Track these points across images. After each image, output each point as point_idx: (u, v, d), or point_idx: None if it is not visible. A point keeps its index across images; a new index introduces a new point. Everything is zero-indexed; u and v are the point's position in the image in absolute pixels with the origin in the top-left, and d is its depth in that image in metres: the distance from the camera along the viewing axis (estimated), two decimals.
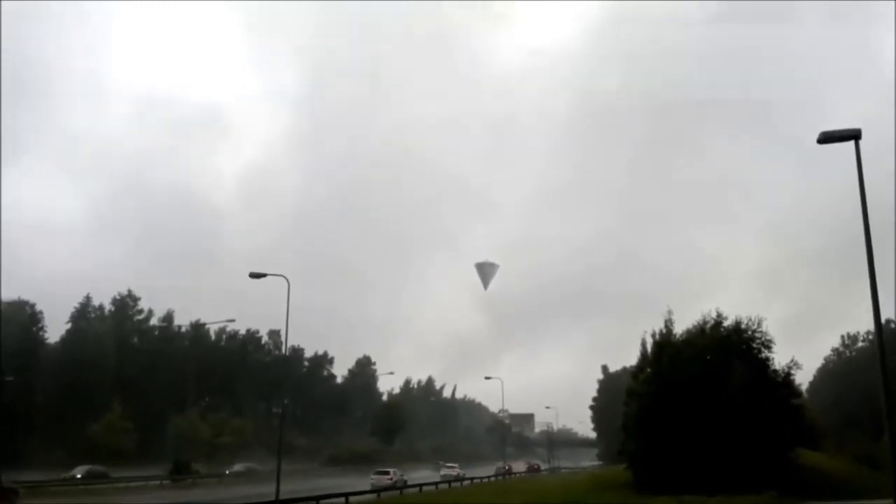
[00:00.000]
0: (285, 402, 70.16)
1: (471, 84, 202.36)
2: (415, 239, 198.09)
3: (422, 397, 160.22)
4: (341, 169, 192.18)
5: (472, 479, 61.94)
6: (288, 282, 36.06)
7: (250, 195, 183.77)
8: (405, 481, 55.49)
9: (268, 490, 36.62)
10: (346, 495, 37.12)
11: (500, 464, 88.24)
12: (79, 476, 58.88)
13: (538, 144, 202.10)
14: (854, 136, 20.18)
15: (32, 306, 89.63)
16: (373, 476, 56.41)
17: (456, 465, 71.88)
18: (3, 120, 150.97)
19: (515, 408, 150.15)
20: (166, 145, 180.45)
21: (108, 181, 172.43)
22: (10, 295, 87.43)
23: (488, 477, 68.63)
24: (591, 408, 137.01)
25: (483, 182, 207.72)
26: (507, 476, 76.01)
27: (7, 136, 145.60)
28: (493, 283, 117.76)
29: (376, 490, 45.63)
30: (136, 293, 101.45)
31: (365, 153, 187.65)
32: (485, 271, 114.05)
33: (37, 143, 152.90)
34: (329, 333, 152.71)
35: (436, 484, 52.90)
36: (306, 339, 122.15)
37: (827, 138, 20.41)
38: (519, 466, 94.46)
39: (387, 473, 57.22)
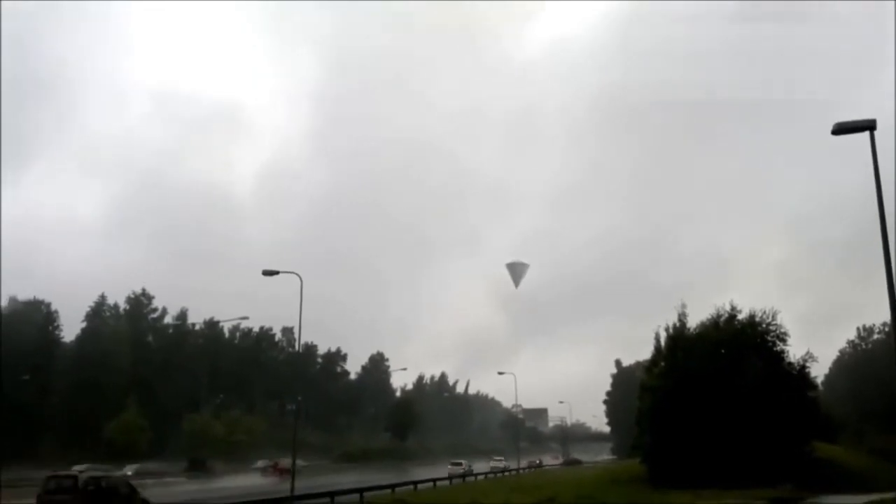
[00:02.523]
0: (299, 399, 71.08)
1: (490, 79, 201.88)
2: (432, 234, 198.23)
3: (435, 393, 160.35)
4: (359, 165, 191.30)
5: (509, 471, 72.14)
6: (301, 279, 36.08)
7: (268, 192, 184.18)
8: (472, 470, 67.73)
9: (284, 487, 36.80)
10: (434, 480, 46.99)
11: (533, 458, 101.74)
12: None
13: (558, 140, 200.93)
14: (869, 126, 19.95)
15: (48, 306, 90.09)
16: (449, 465, 68.70)
17: (503, 458, 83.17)
18: (20, 120, 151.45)
19: (529, 403, 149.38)
20: (184, 143, 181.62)
21: (126, 180, 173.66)
22: (25, 295, 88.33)
23: (524, 468, 79.88)
24: (605, 402, 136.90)
25: (502, 177, 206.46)
26: (539, 468, 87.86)
27: (24, 137, 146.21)
28: (511, 280, 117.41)
29: (452, 477, 56.63)
30: (151, 292, 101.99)
31: (383, 149, 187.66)
32: (516, 271, 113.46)
33: (55, 143, 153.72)
34: (344, 330, 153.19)
35: (486, 474, 64.64)
36: (320, 335, 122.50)
37: (841, 129, 20.19)
38: (547, 459, 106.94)
39: (460, 464, 70.62)
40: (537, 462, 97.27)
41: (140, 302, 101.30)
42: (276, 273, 36.54)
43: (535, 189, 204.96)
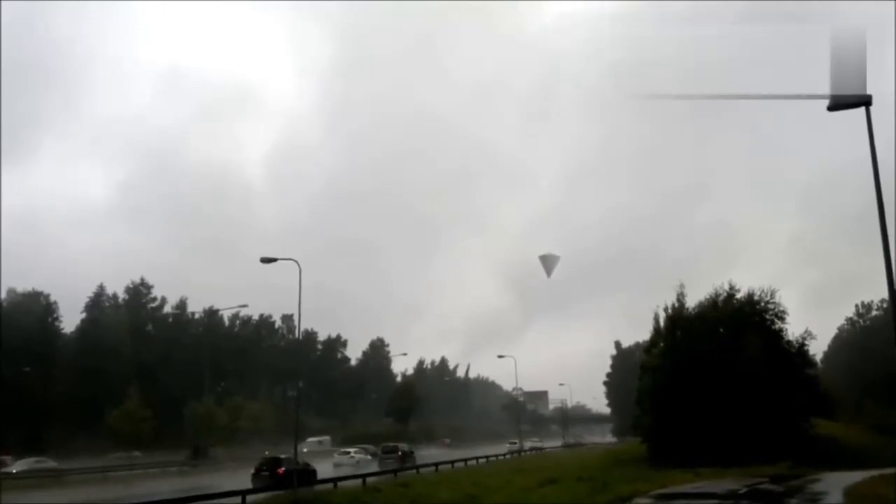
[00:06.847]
0: (300, 385, 71.45)
1: (503, 54, 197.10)
2: (440, 215, 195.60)
3: (435, 377, 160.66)
4: (368, 144, 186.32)
5: (539, 449, 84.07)
6: (299, 266, 35.82)
7: (276, 176, 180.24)
8: (523, 447, 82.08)
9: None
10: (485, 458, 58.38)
11: (568, 439, 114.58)
12: None
13: (569, 116, 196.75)
14: (865, 101, 19.89)
15: (47, 297, 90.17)
16: (508, 444, 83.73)
17: (538, 439, 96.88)
18: (22, 105, 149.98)
19: (529, 386, 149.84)
20: (190, 127, 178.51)
21: (129, 166, 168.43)
22: (24, 286, 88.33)
23: (554, 447, 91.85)
24: (605, 383, 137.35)
25: (512, 154, 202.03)
26: (576, 447, 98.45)
27: (24, 123, 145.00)
28: (514, 261, 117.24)
29: (511, 452, 71.76)
30: (150, 281, 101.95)
31: (392, 127, 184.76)
32: (547, 262, 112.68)
33: (57, 129, 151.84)
34: (346, 316, 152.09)
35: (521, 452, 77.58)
36: (322, 322, 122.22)
37: (837, 105, 20.12)
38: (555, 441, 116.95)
39: (515, 442, 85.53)
40: (571, 441, 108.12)
41: (139, 291, 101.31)
42: (274, 260, 36.25)
43: (545, 166, 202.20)
